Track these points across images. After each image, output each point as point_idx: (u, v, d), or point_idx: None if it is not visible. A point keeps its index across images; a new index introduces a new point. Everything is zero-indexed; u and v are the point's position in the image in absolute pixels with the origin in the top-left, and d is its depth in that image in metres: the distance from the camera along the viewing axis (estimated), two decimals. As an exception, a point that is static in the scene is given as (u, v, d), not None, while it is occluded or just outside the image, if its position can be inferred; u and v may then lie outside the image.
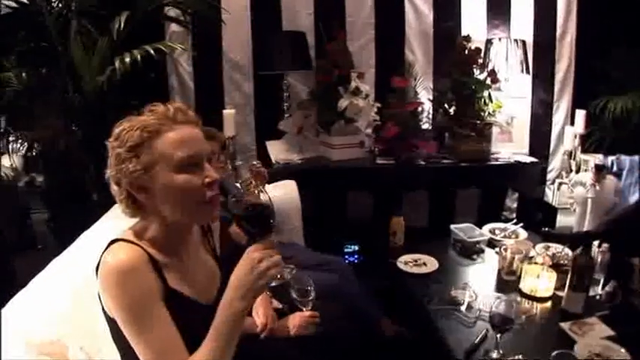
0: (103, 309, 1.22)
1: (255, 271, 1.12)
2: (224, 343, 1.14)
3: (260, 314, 2.03)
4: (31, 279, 1.73)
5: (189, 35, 3.74)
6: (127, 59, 2.94)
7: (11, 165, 3.89)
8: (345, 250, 3.64)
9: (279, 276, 1.21)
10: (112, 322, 1.20)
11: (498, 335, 1.80)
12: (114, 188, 1.24)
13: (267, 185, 2.70)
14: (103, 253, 1.21)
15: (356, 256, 3.65)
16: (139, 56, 2.96)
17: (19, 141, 3.47)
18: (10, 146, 3.59)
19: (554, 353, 1.63)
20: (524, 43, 3.78)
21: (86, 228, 2.12)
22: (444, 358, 1.94)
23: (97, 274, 1.19)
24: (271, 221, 1.21)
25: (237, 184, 2.69)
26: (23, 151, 3.62)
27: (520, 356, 1.77)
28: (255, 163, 2.69)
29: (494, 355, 1.81)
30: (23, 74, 3.28)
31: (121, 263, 1.15)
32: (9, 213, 3.96)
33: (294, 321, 2.06)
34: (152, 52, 2.98)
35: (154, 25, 3.60)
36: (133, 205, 1.24)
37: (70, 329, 1.52)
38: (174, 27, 3.71)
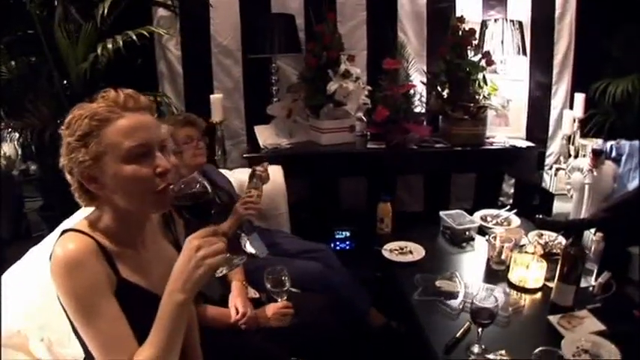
0: (58, 299, 1.19)
1: (193, 261, 1.07)
2: (168, 334, 1.11)
3: (235, 305, 1.99)
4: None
5: (177, 19, 3.67)
6: (110, 46, 2.90)
7: (4, 154, 3.87)
8: (337, 236, 3.58)
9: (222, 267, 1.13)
10: (66, 312, 1.18)
11: (480, 329, 1.72)
12: (67, 177, 1.21)
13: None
14: (55, 243, 1.18)
15: (347, 243, 3.59)
16: (121, 42, 2.90)
17: (9, 130, 3.45)
18: (1, 135, 3.58)
19: (536, 350, 1.54)
20: (520, 23, 3.65)
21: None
22: (426, 352, 1.86)
23: None
24: (211, 209, 1.16)
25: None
26: (16, 141, 3.62)
27: (503, 352, 1.68)
28: (258, 168, 2.58)
29: (476, 349, 1.73)
30: (12, 63, 3.28)
31: (68, 254, 1.13)
32: (4, 202, 3.94)
33: (268, 312, 2.01)
34: (135, 37, 2.92)
35: (142, 10, 3.54)
36: (85, 194, 1.21)
37: (34, 321, 1.51)
38: (162, 11, 3.63)
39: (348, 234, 3.57)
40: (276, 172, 3.07)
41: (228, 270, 1.19)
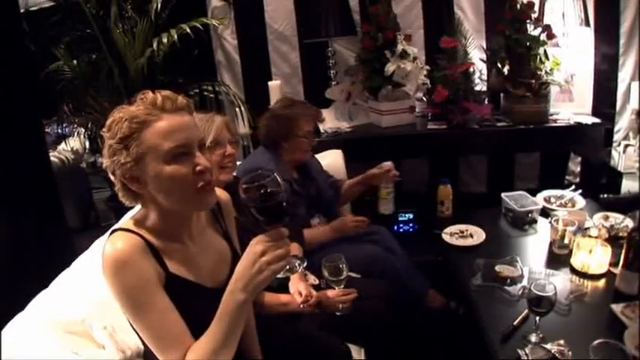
0: None
1: (257, 265, 1.09)
2: (227, 330, 1.15)
3: (298, 289, 1.99)
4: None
5: (231, 8, 3.72)
6: (165, 40, 2.98)
7: (72, 148, 4.05)
8: (400, 218, 3.55)
9: (287, 267, 1.16)
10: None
11: (537, 318, 1.68)
12: (110, 177, 1.25)
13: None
14: (105, 243, 1.23)
15: (411, 225, 3.55)
16: (176, 36, 2.98)
17: (75, 126, 3.61)
18: (66, 131, 3.76)
19: (594, 343, 1.46)
20: (582, -8, 3.44)
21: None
22: (483, 340, 1.84)
23: None
24: (283, 212, 1.12)
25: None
26: (82, 135, 3.79)
27: (561, 341, 1.63)
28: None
29: (533, 338, 1.69)
30: (74, 62, 3.40)
31: (117, 253, 1.18)
32: (72, 195, 4.13)
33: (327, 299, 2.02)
34: (189, 30, 2.99)
35: (195, 2, 3.62)
36: (129, 193, 1.26)
37: (97, 310, 1.57)
38: (215, 2, 3.70)
39: (411, 216, 3.53)
40: (336, 156, 3.11)
41: (287, 274, 1.20)
